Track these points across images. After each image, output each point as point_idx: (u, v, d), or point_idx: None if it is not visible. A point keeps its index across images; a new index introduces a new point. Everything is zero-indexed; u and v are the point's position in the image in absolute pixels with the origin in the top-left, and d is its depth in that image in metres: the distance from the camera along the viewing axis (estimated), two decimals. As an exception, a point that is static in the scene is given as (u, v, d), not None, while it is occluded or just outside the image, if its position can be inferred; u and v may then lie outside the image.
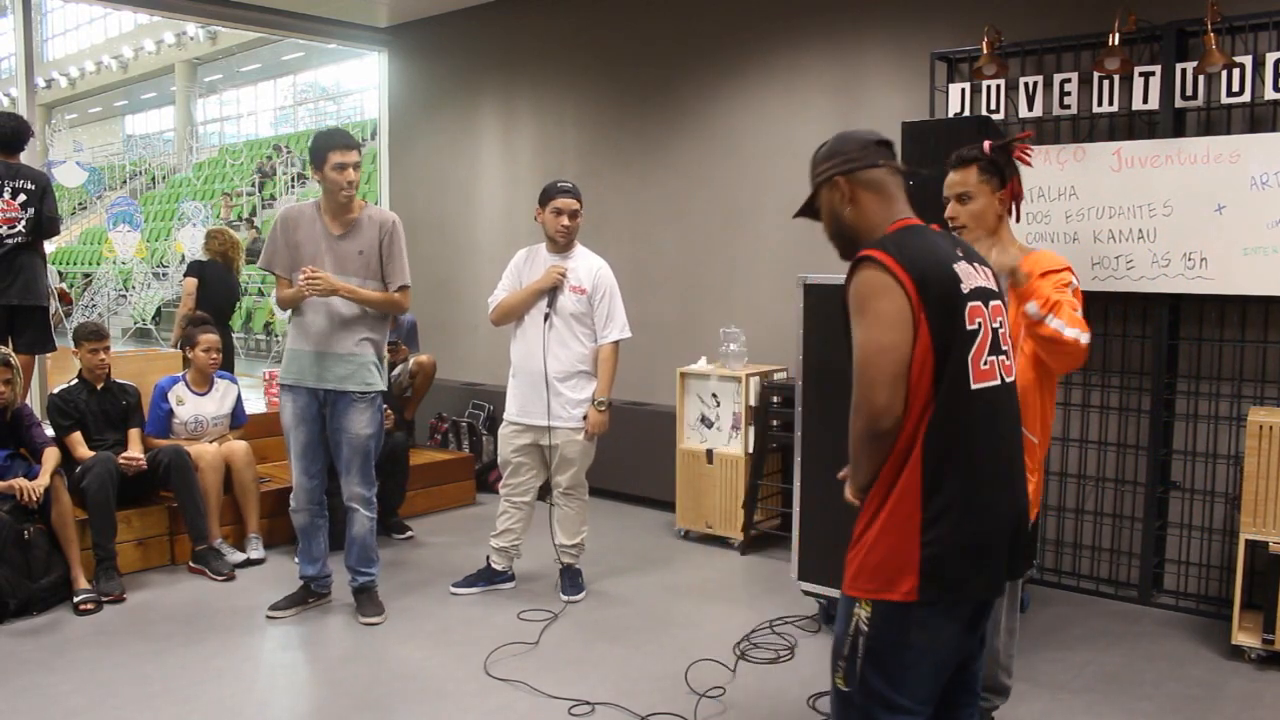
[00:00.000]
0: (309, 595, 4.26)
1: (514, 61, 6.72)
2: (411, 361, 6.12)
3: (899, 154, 2.14)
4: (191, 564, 4.75)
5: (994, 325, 1.95)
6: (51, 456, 4.37)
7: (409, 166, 7.54)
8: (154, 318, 16.47)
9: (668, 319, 5.95)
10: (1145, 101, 4.15)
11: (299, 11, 6.99)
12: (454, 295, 7.15)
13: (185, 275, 6.83)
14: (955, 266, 1.92)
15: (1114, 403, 4.44)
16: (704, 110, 5.78)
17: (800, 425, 3.89)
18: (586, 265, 4.31)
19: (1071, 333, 2.70)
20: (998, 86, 4.48)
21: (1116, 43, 4.08)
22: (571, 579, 4.45)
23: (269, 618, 4.16)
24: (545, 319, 4.25)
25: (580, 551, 4.49)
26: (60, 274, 18.58)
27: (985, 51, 4.37)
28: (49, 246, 5.65)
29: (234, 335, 8.34)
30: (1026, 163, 2.96)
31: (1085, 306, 2.90)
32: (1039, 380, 2.84)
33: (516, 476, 4.41)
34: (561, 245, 4.28)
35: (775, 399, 5.07)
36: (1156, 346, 4.26)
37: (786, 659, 3.75)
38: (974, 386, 1.88)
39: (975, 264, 1.99)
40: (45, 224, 5.08)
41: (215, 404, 5.11)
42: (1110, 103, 4.23)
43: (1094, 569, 4.51)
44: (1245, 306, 4.09)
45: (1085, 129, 4.39)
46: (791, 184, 5.40)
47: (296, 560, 4.37)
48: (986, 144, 2.91)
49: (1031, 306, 2.71)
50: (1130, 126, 4.27)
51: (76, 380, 4.79)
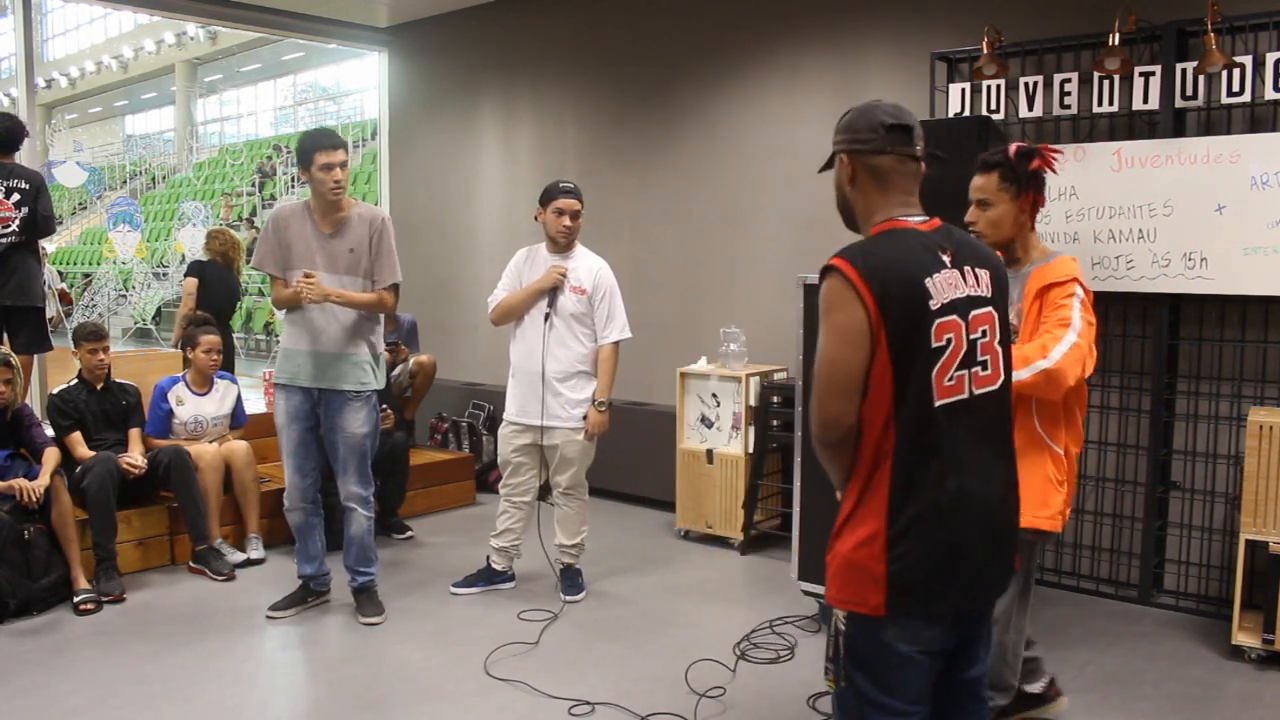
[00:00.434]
0: (308, 595, 4.26)
1: (514, 61, 6.72)
2: (411, 361, 6.12)
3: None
4: (191, 564, 4.75)
5: (972, 337, 1.89)
6: (51, 456, 4.37)
7: (409, 166, 7.54)
8: (154, 318, 16.47)
9: (668, 319, 5.95)
10: (1145, 101, 4.15)
11: (299, 11, 6.99)
12: (454, 295, 7.15)
13: (185, 275, 6.82)
14: (929, 280, 1.85)
15: (1114, 403, 4.44)
16: (704, 110, 5.78)
17: (800, 425, 3.90)
18: (587, 265, 4.31)
19: (1026, 372, 2.61)
20: (998, 86, 4.48)
21: (1116, 43, 4.08)
22: (571, 579, 4.45)
23: (269, 618, 4.16)
24: (545, 319, 4.26)
25: (580, 551, 4.49)
26: (60, 274, 18.59)
27: (985, 51, 4.37)
28: (49, 246, 5.65)
29: (234, 335, 8.33)
30: (1052, 169, 2.92)
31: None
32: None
33: (516, 476, 4.41)
34: (562, 245, 4.28)
35: (775, 399, 5.07)
36: (1156, 346, 4.26)
37: (786, 659, 3.75)
38: (938, 403, 1.84)
39: (967, 268, 1.92)
40: (40, 223, 5.07)
41: (215, 404, 5.11)
42: (1110, 103, 4.24)
43: (1094, 569, 4.51)
44: (1245, 306, 4.09)
45: (1085, 129, 4.40)
46: (791, 184, 5.41)
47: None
48: (1012, 148, 2.88)
49: None
50: (1130, 126, 4.27)
51: (76, 380, 4.79)
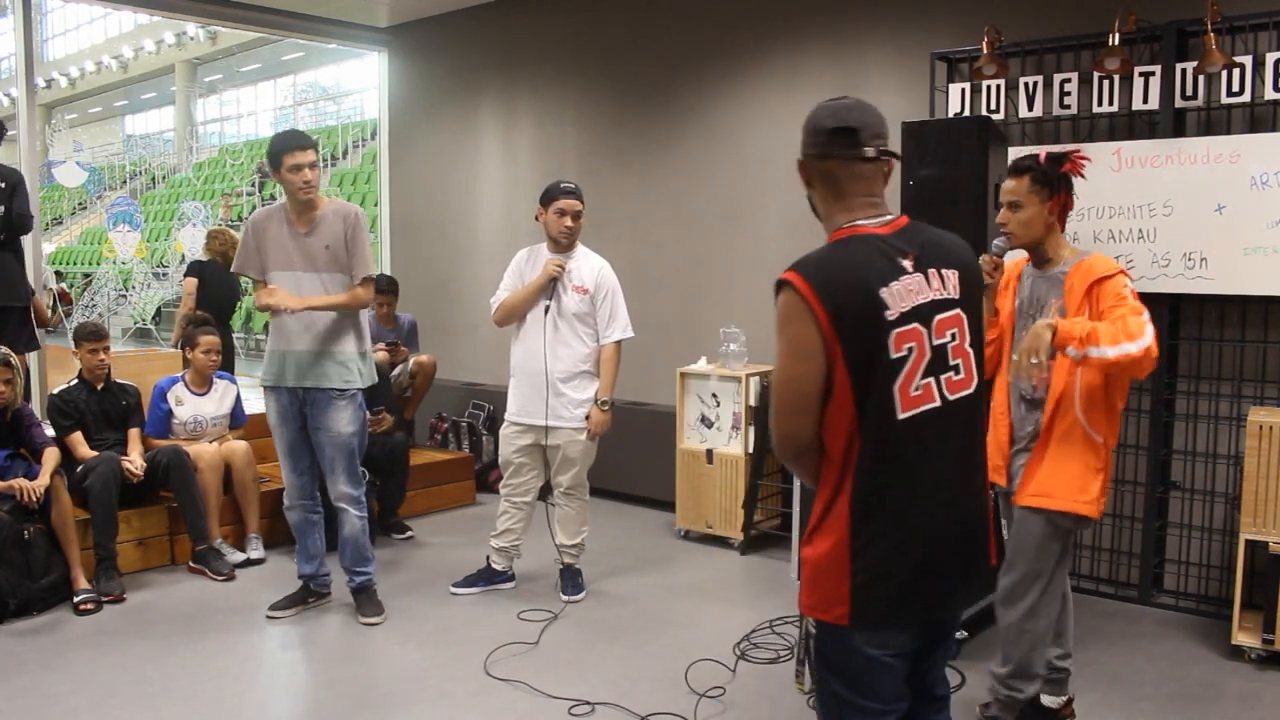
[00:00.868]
0: (308, 595, 4.26)
1: (514, 61, 6.72)
2: (411, 361, 6.12)
3: (900, 155, 2.08)
4: (191, 564, 4.75)
5: (938, 342, 1.84)
6: (51, 456, 4.37)
7: (409, 166, 7.54)
8: (154, 318, 16.47)
9: (668, 319, 5.95)
10: (1145, 101, 4.15)
11: (299, 11, 6.99)
12: (454, 295, 7.15)
13: (185, 275, 6.83)
14: (885, 290, 1.80)
15: (1114, 403, 4.44)
16: (704, 110, 5.78)
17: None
18: (589, 265, 4.31)
19: (1115, 351, 2.68)
20: (998, 86, 4.48)
21: (1116, 43, 4.08)
22: (571, 579, 4.45)
23: (269, 618, 4.16)
24: (546, 311, 4.25)
25: (580, 551, 4.49)
26: (59, 274, 18.59)
27: (985, 51, 4.37)
28: (48, 246, 5.65)
29: (234, 335, 8.34)
30: (1080, 174, 2.97)
31: None
32: (1105, 383, 2.86)
33: (518, 477, 4.40)
34: (564, 246, 4.28)
35: (775, 399, 5.06)
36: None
37: (786, 659, 3.74)
38: (902, 416, 1.80)
39: (931, 271, 1.86)
40: (16, 221, 5.04)
41: (214, 404, 5.11)
42: (1110, 103, 4.24)
43: (1094, 569, 4.51)
44: (1245, 306, 4.09)
45: (1085, 129, 4.39)
46: (791, 184, 5.37)
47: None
48: (1042, 153, 2.95)
49: (1071, 351, 2.72)
50: (1130, 126, 4.27)
51: (76, 380, 4.79)
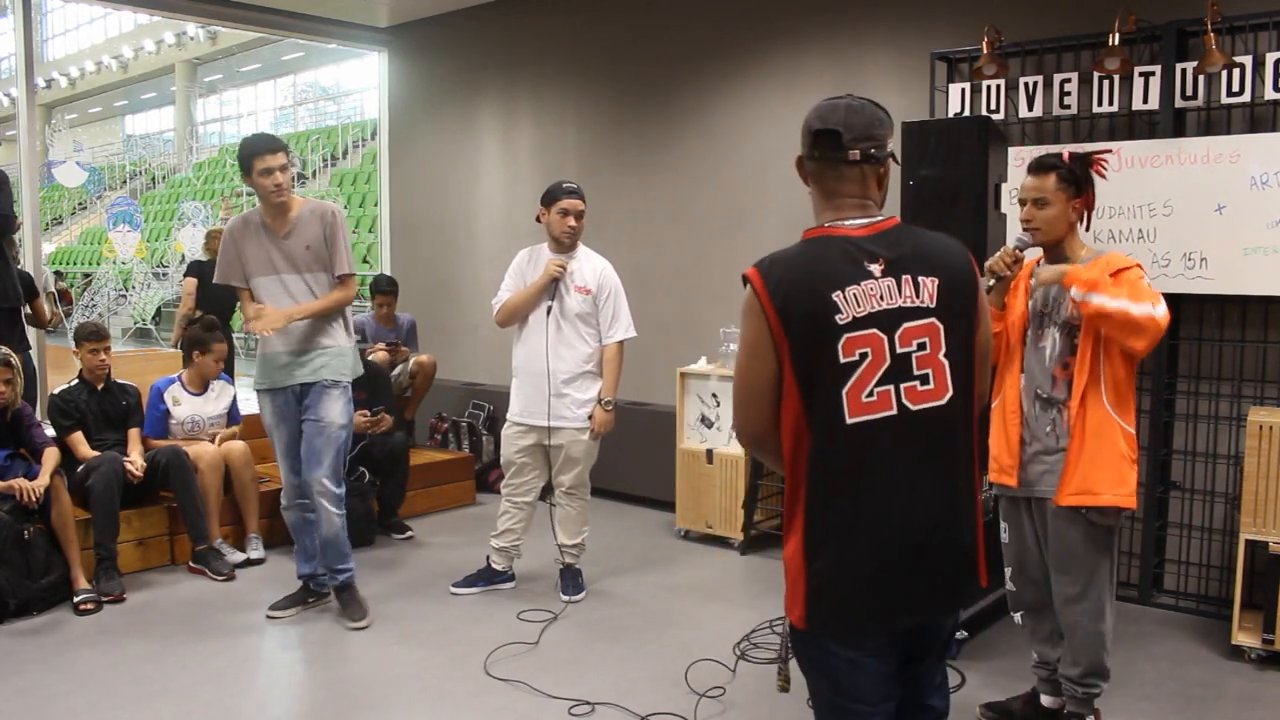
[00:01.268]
0: (308, 595, 4.26)
1: (514, 61, 6.72)
2: (411, 361, 6.12)
3: (900, 155, 2.09)
4: (191, 564, 4.75)
5: (902, 350, 1.81)
6: (51, 456, 4.37)
7: (409, 166, 7.55)
8: (154, 318, 16.49)
9: (668, 319, 5.95)
10: (1145, 101, 4.15)
11: (299, 11, 6.99)
12: (454, 295, 7.15)
13: (185, 275, 6.84)
14: (839, 294, 1.79)
15: (1114, 403, 4.44)
16: (704, 110, 5.78)
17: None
18: (591, 265, 4.31)
19: (1115, 304, 2.72)
20: (998, 86, 4.48)
21: (1116, 43, 4.08)
22: (572, 579, 4.45)
23: (269, 618, 4.16)
24: (548, 312, 4.25)
25: (581, 551, 4.49)
26: (59, 274, 18.60)
27: (985, 51, 4.37)
28: (48, 247, 5.65)
29: (234, 335, 8.33)
30: (1102, 175, 2.99)
31: None
32: (1127, 375, 2.91)
33: (519, 477, 4.40)
34: (566, 246, 4.28)
35: (775, 399, 5.07)
36: (1157, 346, 4.25)
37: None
38: (850, 421, 1.79)
39: (905, 277, 1.83)
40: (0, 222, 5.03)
41: (211, 404, 5.11)
42: (1110, 103, 4.24)
43: (1094, 569, 4.51)
44: (1245, 306, 4.09)
45: (1085, 129, 4.39)
46: (792, 184, 5.38)
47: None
48: (1066, 153, 2.96)
49: (1074, 291, 2.76)
50: (1130, 126, 4.27)
51: (77, 380, 4.79)
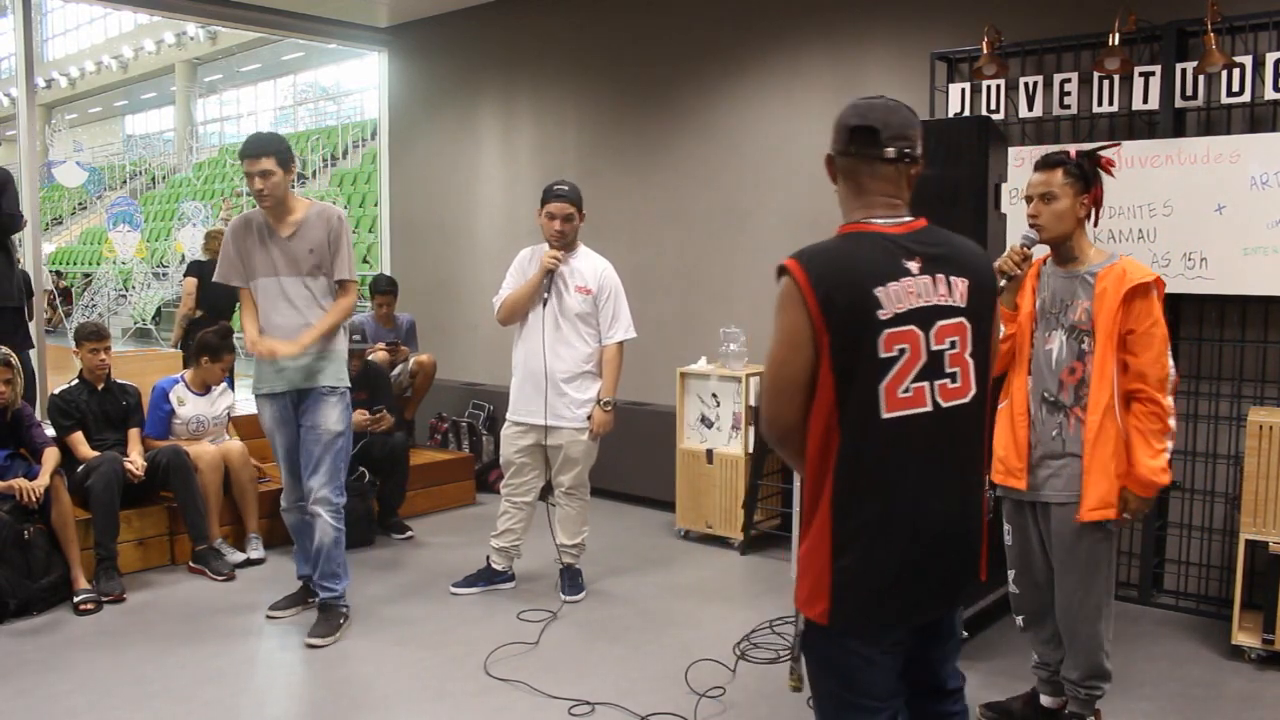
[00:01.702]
0: (308, 594, 4.24)
1: (514, 61, 6.72)
2: (411, 361, 6.12)
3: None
4: (191, 564, 4.75)
5: (936, 348, 1.83)
6: (51, 456, 4.37)
7: (409, 166, 7.55)
8: (154, 318, 16.48)
9: (668, 319, 5.95)
10: (1145, 101, 4.15)
11: (299, 11, 6.99)
12: (454, 295, 7.15)
13: (185, 275, 6.84)
14: (881, 289, 1.80)
15: (1114, 403, 4.44)
16: (704, 110, 5.78)
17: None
18: (591, 265, 4.31)
19: (1169, 450, 2.86)
20: (998, 86, 4.48)
21: (1116, 43, 4.08)
22: (571, 579, 4.45)
23: (269, 618, 4.16)
24: (544, 305, 4.24)
25: (581, 551, 4.49)
26: (59, 274, 18.60)
27: (985, 51, 4.37)
28: (48, 247, 5.65)
29: (234, 336, 8.33)
30: (1110, 173, 2.97)
31: None
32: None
33: (519, 477, 4.40)
34: (560, 247, 4.27)
35: (775, 399, 5.06)
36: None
37: (786, 659, 3.74)
38: (885, 415, 1.80)
39: (939, 276, 1.85)
40: (4, 221, 5.04)
41: (213, 405, 5.12)
42: (1110, 103, 4.24)
43: (1094, 569, 4.51)
44: (1245, 306, 4.09)
45: (1085, 129, 4.39)
46: (791, 184, 5.41)
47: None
48: (1073, 150, 2.95)
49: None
50: (1130, 126, 4.27)
51: (77, 380, 4.79)
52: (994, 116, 4.42)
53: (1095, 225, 3.00)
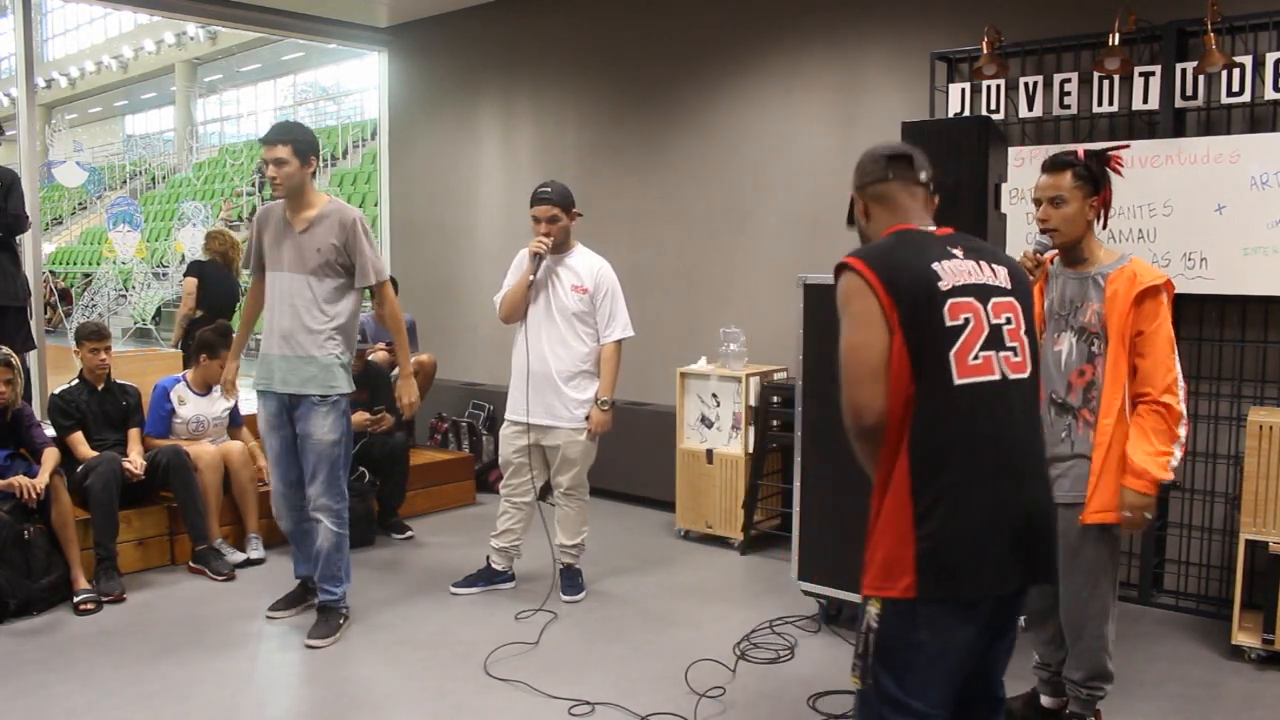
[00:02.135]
0: (308, 594, 4.25)
1: (514, 61, 6.72)
2: (411, 361, 6.11)
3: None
4: (191, 564, 4.75)
5: (995, 321, 1.95)
6: (51, 456, 4.37)
7: (409, 166, 7.55)
8: (154, 318, 16.48)
9: (668, 319, 5.95)
10: (1145, 101, 4.15)
11: (299, 11, 6.99)
12: (454, 295, 7.15)
13: (185, 275, 6.84)
14: (936, 265, 1.94)
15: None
16: (704, 110, 5.78)
17: (800, 425, 3.89)
18: (588, 265, 4.31)
19: (1178, 454, 2.89)
20: (998, 86, 4.48)
21: (1116, 43, 4.08)
22: (571, 579, 4.45)
23: (269, 618, 4.16)
24: (530, 286, 4.21)
25: (580, 552, 4.49)
26: (51, 273, 18.58)
27: (985, 51, 4.37)
28: (48, 247, 5.66)
29: (233, 335, 8.34)
30: (1118, 173, 2.95)
31: None
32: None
33: (518, 477, 4.40)
34: (550, 249, 4.25)
35: (775, 399, 5.07)
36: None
37: (786, 659, 3.75)
38: (959, 382, 1.89)
39: (982, 261, 2.01)
40: (10, 221, 5.04)
41: (213, 405, 5.12)
42: (1110, 103, 4.24)
43: (1094, 569, 4.50)
44: (1245, 306, 4.09)
45: (1085, 129, 4.39)
46: (791, 184, 5.41)
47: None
48: (1080, 151, 2.93)
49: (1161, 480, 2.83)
50: (1130, 126, 4.27)
51: (77, 380, 4.79)
52: (994, 116, 4.42)
53: (1104, 228, 2.99)
